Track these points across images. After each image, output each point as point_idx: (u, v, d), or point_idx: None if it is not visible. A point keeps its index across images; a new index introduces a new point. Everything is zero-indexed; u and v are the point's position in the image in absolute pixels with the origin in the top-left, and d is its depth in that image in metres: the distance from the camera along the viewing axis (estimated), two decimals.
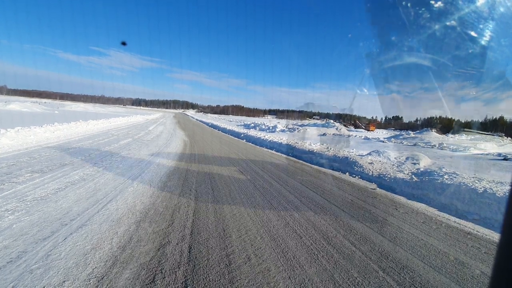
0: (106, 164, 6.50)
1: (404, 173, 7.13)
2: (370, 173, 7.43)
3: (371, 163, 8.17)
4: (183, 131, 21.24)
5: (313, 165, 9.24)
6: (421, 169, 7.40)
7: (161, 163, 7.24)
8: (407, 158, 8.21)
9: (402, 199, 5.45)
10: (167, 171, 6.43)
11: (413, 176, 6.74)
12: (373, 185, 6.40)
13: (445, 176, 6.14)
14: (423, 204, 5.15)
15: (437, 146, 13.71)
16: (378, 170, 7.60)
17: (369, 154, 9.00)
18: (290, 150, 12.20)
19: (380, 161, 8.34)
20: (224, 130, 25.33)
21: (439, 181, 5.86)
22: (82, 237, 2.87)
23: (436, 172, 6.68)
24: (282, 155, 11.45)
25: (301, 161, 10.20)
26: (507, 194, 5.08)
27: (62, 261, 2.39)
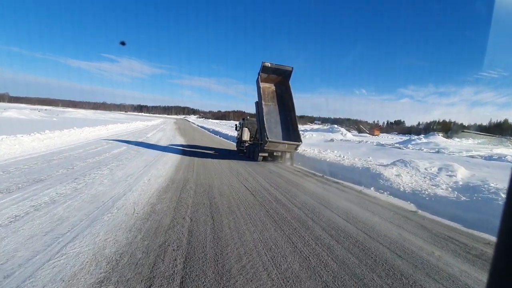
0: (88, 180, 5.45)
1: (443, 189, 6.01)
2: (401, 189, 6.30)
3: (398, 175, 7.05)
4: (182, 137, 20.23)
5: (329, 177, 8.15)
6: (461, 183, 6.28)
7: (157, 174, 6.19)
8: (439, 169, 7.08)
9: (457, 227, 4.28)
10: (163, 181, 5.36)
11: (456, 192, 5.61)
12: (412, 206, 5.26)
13: (500, 193, 5.02)
14: (486, 235, 3.98)
15: (464, 153, 12.25)
16: (409, 184, 6.47)
17: (394, 164, 7.88)
18: (299, 159, 11.13)
19: (408, 172, 7.22)
20: (226, 136, 24.57)
21: (497, 201, 4.73)
22: None
23: (484, 187, 5.56)
24: (297, 166, 10.46)
25: (312, 171, 9.14)
26: None
27: None
